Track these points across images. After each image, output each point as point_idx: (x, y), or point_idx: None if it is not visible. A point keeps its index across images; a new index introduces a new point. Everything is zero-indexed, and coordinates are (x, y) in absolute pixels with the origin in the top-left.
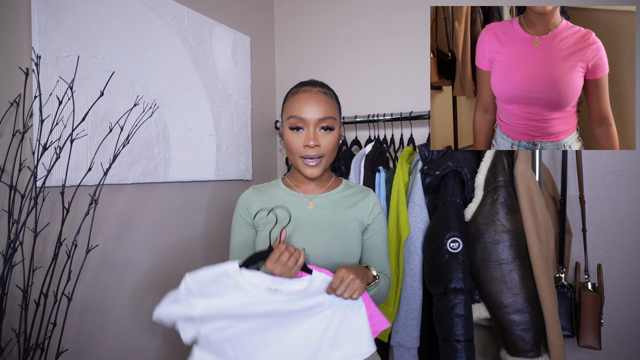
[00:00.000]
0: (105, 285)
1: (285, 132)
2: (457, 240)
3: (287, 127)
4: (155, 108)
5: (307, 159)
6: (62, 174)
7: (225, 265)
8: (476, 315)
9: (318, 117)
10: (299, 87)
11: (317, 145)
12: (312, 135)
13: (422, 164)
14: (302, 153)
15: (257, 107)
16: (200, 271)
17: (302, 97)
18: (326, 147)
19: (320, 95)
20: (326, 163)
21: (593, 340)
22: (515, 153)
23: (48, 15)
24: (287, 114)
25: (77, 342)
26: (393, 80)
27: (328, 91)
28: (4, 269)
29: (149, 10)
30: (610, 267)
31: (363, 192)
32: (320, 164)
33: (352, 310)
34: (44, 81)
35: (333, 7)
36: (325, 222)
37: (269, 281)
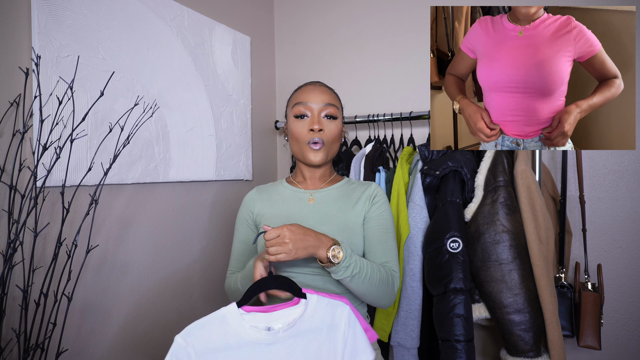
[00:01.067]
0: (105, 285)
1: (290, 122)
2: (457, 240)
3: (292, 116)
4: (155, 108)
5: (312, 143)
6: (62, 174)
7: (222, 311)
8: (476, 315)
9: (322, 104)
10: (304, 84)
11: (321, 130)
12: (316, 120)
13: (422, 164)
14: (307, 139)
15: (257, 107)
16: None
17: (306, 88)
18: (329, 134)
19: (324, 87)
20: (328, 150)
21: (593, 340)
22: (515, 153)
23: (48, 15)
24: (292, 103)
25: (77, 342)
26: (393, 80)
27: (331, 88)
28: (4, 269)
29: (149, 10)
30: (610, 267)
31: (364, 185)
32: (323, 149)
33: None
34: (44, 81)
35: (333, 6)
36: (325, 215)
37: (266, 320)
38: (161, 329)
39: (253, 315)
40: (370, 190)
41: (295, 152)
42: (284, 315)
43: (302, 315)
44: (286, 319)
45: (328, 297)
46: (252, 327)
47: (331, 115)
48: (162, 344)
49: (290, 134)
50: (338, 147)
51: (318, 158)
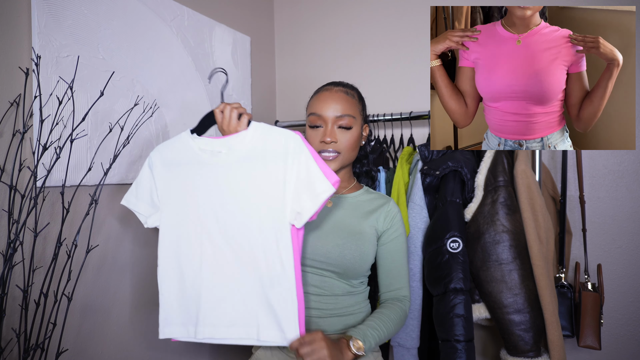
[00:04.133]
0: (105, 285)
1: (307, 130)
2: (457, 240)
3: (307, 125)
4: (155, 108)
5: (324, 153)
6: (62, 174)
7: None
8: (476, 315)
9: (335, 115)
10: (323, 87)
11: (334, 142)
12: (328, 132)
13: (422, 164)
14: (319, 148)
15: (257, 107)
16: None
17: (322, 96)
18: (343, 145)
19: (340, 94)
20: (343, 160)
21: (593, 340)
22: (515, 153)
23: (48, 15)
24: (308, 112)
25: (77, 342)
26: (393, 80)
27: (350, 90)
28: (4, 269)
29: (149, 10)
30: (610, 267)
31: (382, 199)
32: (336, 160)
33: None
34: (44, 81)
35: (333, 6)
36: (341, 222)
37: (215, 144)
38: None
39: (202, 139)
40: (388, 207)
41: None
42: (226, 141)
43: (242, 141)
44: (228, 144)
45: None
46: (200, 148)
47: (345, 126)
48: (163, 343)
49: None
50: (356, 152)
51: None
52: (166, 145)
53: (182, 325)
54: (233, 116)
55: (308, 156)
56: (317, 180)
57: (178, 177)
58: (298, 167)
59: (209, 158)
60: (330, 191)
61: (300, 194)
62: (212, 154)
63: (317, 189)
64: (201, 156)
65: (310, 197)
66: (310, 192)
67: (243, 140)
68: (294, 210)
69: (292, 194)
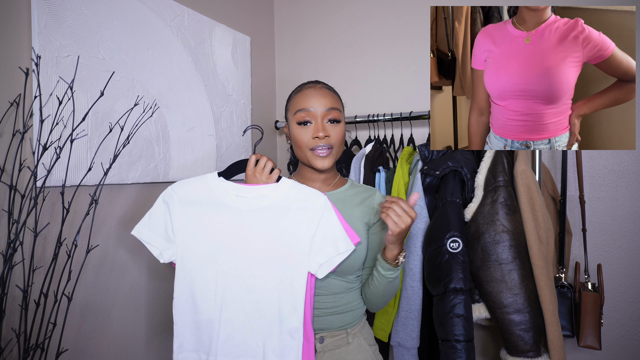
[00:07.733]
0: (105, 285)
1: (293, 129)
2: (457, 240)
3: (295, 122)
4: (155, 108)
5: (318, 149)
6: (62, 174)
7: (205, 174)
8: (476, 315)
9: (325, 109)
10: (303, 85)
11: (327, 136)
12: (320, 127)
13: (422, 164)
14: (311, 145)
15: (257, 107)
16: (184, 180)
17: (307, 92)
18: (335, 138)
19: (325, 90)
20: (336, 155)
21: (593, 340)
22: (515, 153)
23: (48, 15)
24: (294, 109)
25: (77, 342)
26: (393, 80)
27: (330, 87)
28: (4, 269)
29: (149, 10)
30: (610, 267)
31: (369, 191)
32: (331, 155)
33: (323, 216)
34: (44, 81)
35: (333, 6)
36: None
37: (243, 190)
38: (161, 329)
39: (230, 183)
40: (375, 199)
41: (301, 157)
42: (256, 189)
43: (273, 192)
44: (258, 192)
45: (307, 187)
46: (225, 191)
47: (335, 119)
48: (163, 344)
49: (294, 140)
50: (343, 149)
51: (326, 164)
52: (187, 182)
53: (195, 352)
54: (268, 167)
55: (334, 215)
56: (340, 239)
57: (198, 214)
58: (326, 223)
59: (233, 201)
60: (351, 250)
61: (324, 249)
62: (238, 198)
63: (340, 248)
64: (227, 198)
65: (333, 254)
66: (335, 249)
67: (274, 191)
68: (317, 263)
69: (317, 247)
